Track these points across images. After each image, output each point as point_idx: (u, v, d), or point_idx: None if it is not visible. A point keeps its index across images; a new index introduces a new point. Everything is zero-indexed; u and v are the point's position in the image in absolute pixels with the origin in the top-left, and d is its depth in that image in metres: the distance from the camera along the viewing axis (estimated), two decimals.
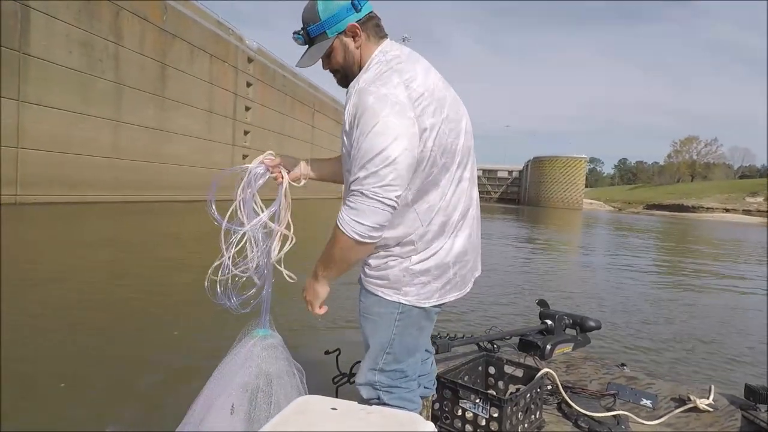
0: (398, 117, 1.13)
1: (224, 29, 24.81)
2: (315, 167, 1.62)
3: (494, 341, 2.53)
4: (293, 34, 1.33)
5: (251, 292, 1.53)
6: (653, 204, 71.62)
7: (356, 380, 1.45)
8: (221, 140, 24.37)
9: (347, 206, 1.17)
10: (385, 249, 1.32)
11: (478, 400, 1.73)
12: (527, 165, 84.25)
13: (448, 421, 1.82)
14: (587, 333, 2.67)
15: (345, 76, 1.34)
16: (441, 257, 1.31)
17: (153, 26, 19.25)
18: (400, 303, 1.32)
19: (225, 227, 1.47)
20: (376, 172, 1.12)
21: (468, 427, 1.76)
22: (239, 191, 1.50)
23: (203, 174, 22.05)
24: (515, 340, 2.59)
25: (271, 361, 1.48)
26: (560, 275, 8.98)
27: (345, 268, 1.27)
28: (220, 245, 1.48)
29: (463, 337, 2.41)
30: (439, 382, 1.78)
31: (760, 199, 60.48)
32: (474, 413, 1.74)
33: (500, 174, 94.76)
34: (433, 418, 1.81)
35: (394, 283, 1.32)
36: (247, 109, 26.83)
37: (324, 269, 1.29)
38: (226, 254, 1.48)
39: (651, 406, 2.10)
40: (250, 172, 1.52)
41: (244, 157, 25.29)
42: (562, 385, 2.05)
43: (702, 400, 2.07)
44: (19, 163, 14.05)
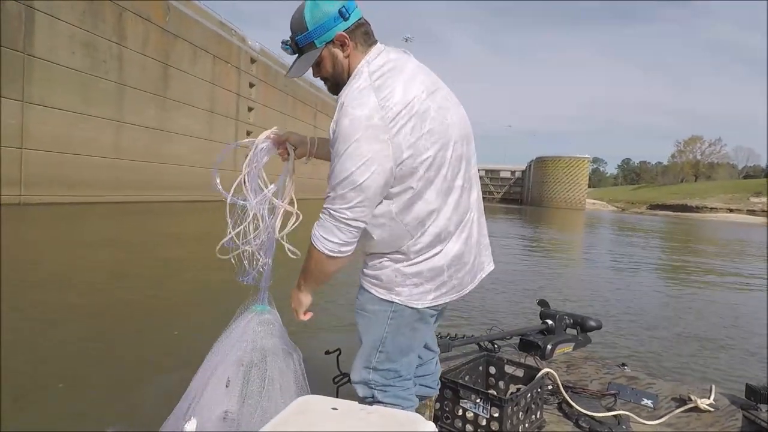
0: (369, 141, 1.15)
1: (227, 30, 24.85)
2: (321, 146, 1.59)
3: (495, 341, 2.53)
4: (282, 43, 1.33)
5: (257, 268, 1.55)
6: (657, 204, 71.40)
7: (351, 377, 1.47)
8: (223, 140, 24.40)
9: (318, 223, 1.24)
10: (380, 255, 1.35)
11: (478, 400, 1.74)
12: (530, 165, 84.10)
13: (448, 421, 1.82)
14: (588, 333, 2.66)
15: (335, 84, 1.34)
16: (434, 262, 1.32)
17: (156, 27, 19.30)
18: (392, 302, 1.34)
19: (230, 201, 1.49)
20: (344, 195, 1.17)
21: (468, 427, 1.77)
22: (245, 165, 1.51)
23: (205, 174, 22.10)
24: (516, 340, 2.59)
25: (266, 336, 1.50)
26: (562, 275, 8.97)
27: (323, 278, 1.35)
28: (229, 219, 1.50)
29: (463, 337, 2.41)
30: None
31: (765, 199, 60.19)
32: (474, 413, 1.74)
33: (503, 174, 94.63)
34: (434, 417, 1.81)
35: (387, 282, 1.34)
36: (250, 109, 26.88)
37: (304, 281, 1.38)
38: (230, 228, 1.50)
39: (652, 406, 2.10)
40: (257, 146, 1.52)
41: (246, 157, 25.28)
42: (562, 384, 2.05)
43: (703, 400, 2.07)
44: (23, 164, 14.12)
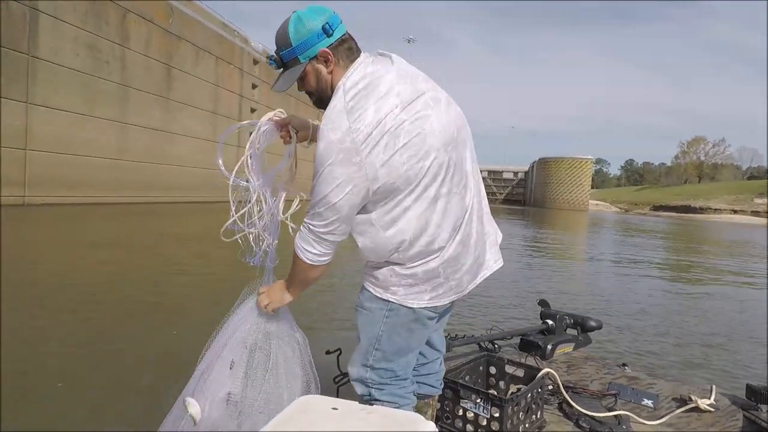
0: (342, 165, 1.20)
1: (229, 31, 24.92)
2: None
3: (495, 341, 2.53)
4: (267, 58, 1.38)
5: (262, 248, 1.56)
6: (660, 205, 71.14)
7: (349, 373, 1.49)
8: (226, 141, 24.37)
9: (299, 235, 1.33)
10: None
11: (479, 400, 1.74)
12: (533, 166, 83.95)
13: (449, 421, 1.83)
14: (588, 333, 2.66)
15: (320, 99, 1.38)
16: (429, 265, 1.33)
17: (159, 28, 19.37)
18: (388, 301, 1.37)
19: (233, 183, 1.51)
20: (320, 213, 1.25)
21: (469, 427, 1.77)
22: (248, 146, 1.54)
23: (207, 175, 22.13)
24: (516, 340, 2.59)
25: (271, 319, 1.51)
26: (563, 275, 8.96)
27: (306, 283, 1.42)
28: (230, 200, 1.52)
29: (464, 337, 2.41)
30: None
31: (766, 200, 59.91)
32: (475, 413, 1.75)
33: (505, 175, 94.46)
34: (435, 417, 1.81)
35: (383, 282, 1.37)
36: (253, 110, 26.93)
37: (290, 285, 1.45)
38: (233, 210, 1.52)
39: (652, 406, 2.10)
40: (260, 128, 1.54)
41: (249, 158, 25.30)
42: (563, 385, 2.05)
43: (703, 400, 2.07)
44: (27, 165, 14.19)
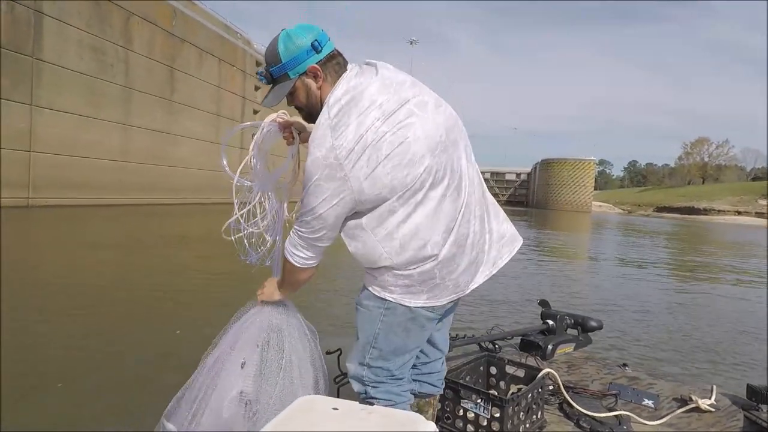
0: (327, 180, 1.25)
1: (232, 33, 24.99)
2: None
3: (495, 341, 2.53)
4: (257, 73, 1.42)
5: (266, 248, 1.61)
6: (663, 206, 70.84)
7: (347, 370, 1.51)
8: (229, 143, 24.46)
9: (289, 240, 1.40)
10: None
11: (479, 400, 1.74)
12: (535, 167, 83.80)
13: (449, 421, 1.83)
14: (589, 333, 2.65)
15: (309, 114, 1.40)
16: (424, 267, 1.34)
17: (162, 31, 19.45)
18: (385, 300, 1.39)
19: (237, 183, 1.55)
20: (308, 222, 1.32)
21: (469, 427, 1.77)
22: (251, 148, 1.58)
23: (210, 177, 22.19)
24: (516, 340, 2.58)
25: (282, 317, 1.53)
26: (564, 276, 8.93)
27: (297, 283, 1.49)
28: (233, 200, 1.56)
29: (464, 337, 2.41)
30: None
31: None
32: (475, 413, 1.75)
33: (508, 177, 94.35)
34: (435, 418, 1.82)
35: (381, 281, 1.39)
36: (255, 112, 26.99)
37: (281, 284, 1.52)
38: (237, 210, 1.56)
39: (653, 406, 2.09)
40: (263, 129, 1.57)
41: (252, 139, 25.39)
42: (563, 385, 2.04)
43: (704, 400, 2.07)
44: (31, 167, 14.27)
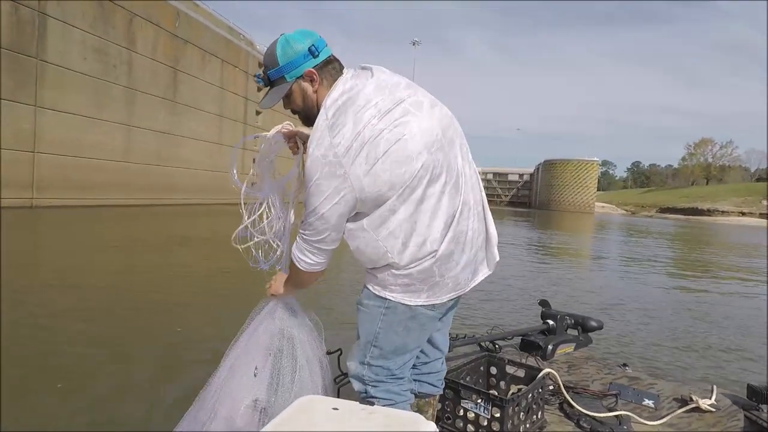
0: (328, 178, 1.26)
1: (235, 35, 25.06)
2: None
3: (496, 341, 2.52)
4: (254, 76, 1.44)
5: (276, 254, 1.64)
6: (667, 207, 70.60)
7: (348, 369, 1.52)
8: (232, 144, 24.58)
9: (295, 244, 1.41)
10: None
11: (479, 401, 1.74)
12: (538, 168, 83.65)
13: (449, 421, 1.83)
14: (589, 333, 2.65)
15: (306, 117, 1.42)
16: (423, 266, 1.35)
17: (165, 32, 19.51)
18: (386, 299, 1.40)
19: (245, 192, 1.59)
20: (311, 224, 1.33)
21: (470, 427, 1.77)
22: (258, 158, 1.62)
23: (214, 177, 22.27)
24: (517, 340, 2.58)
25: (293, 323, 1.55)
26: (566, 276, 8.91)
27: (303, 285, 1.52)
28: (241, 210, 1.60)
29: (465, 337, 2.41)
30: None
31: None
32: (476, 413, 1.75)
33: (511, 177, 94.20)
34: (435, 418, 1.82)
35: (381, 281, 1.40)
36: (258, 113, 27.06)
37: (288, 282, 1.55)
38: (246, 218, 1.60)
39: (653, 406, 2.09)
40: (269, 140, 1.61)
41: (254, 161, 25.47)
42: (563, 385, 2.04)
43: (704, 400, 2.07)
44: (35, 167, 14.34)
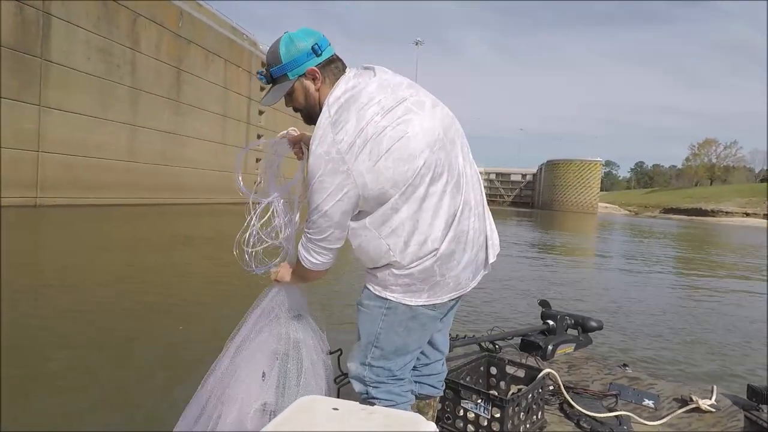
0: (330, 175, 1.27)
1: (238, 34, 25.12)
2: None
3: (496, 341, 2.52)
4: (257, 73, 1.45)
5: (276, 260, 1.66)
6: (670, 208, 70.24)
7: (348, 370, 1.52)
8: (235, 143, 24.65)
9: (301, 243, 1.43)
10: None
11: (479, 401, 1.74)
12: (541, 168, 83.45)
13: (449, 422, 1.83)
14: (589, 333, 2.64)
15: (308, 115, 1.43)
16: (424, 265, 1.35)
17: (169, 32, 19.58)
18: (386, 299, 1.40)
19: (252, 198, 1.61)
20: (315, 222, 1.33)
21: (470, 428, 1.77)
22: (264, 165, 1.63)
23: (217, 177, 22.34)
24: (517, 340, 2.57)
25: (298, 326, 1.57)
26: (567, 276, 8.90)
27: (307, 281, 1.57)
28: (248, 215, 1.62)
29: (465, 337, 2.41)
30: None
31: None
32: (476, 413, 1.75)
33: (513, 177, 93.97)
34: (435, 418, 1.82)
35: (382, 281, 1.40)
36: (261, 113, 27.12)
37: (293, 276, 1.58)
38: (255, 222, 1.62)
39: (653, 406, 2.09)
40: (274, 145, 1.63)
41: (257, 160, 25.53)
42: (564, 385, 2.04)
43: (704, 400, 2.06)
44: (39, 167, 14.41)
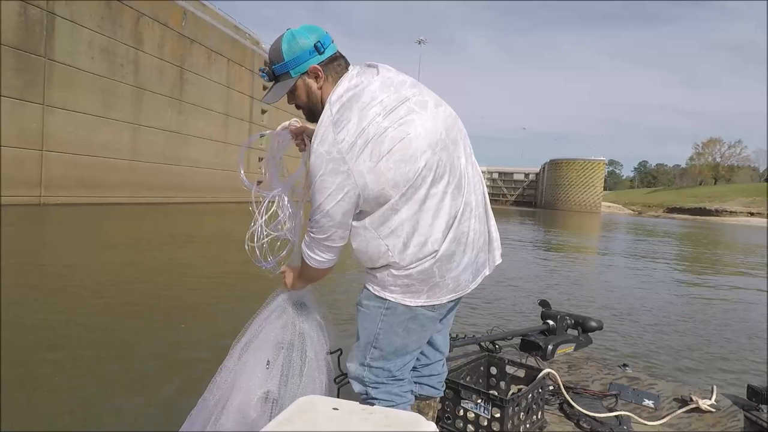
0: (331, 174, 1.26)
1: (241, 34, 25.16)
2: None
3: (496, 341, 2.51)
4: (259, 70, 1.44)
5: (283, 253, 1.67)
6: (674, 207, 69.94)
7: (348, 370, 1.52)
8: (238, 142, 24.69)
9: (304, 242, 1.43)
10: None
11: (479, 401, 1.74)
12: (544, 167, 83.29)
13: (449, 422, 1.83)
14: (589, 333, 2.64)
15: (311, 113, 1.43)
16: (423, 266, 1.35)
17: (172, 32, 19.63)
18: (385, 299, 1.40)
19: (255, 192, 1.62)
20: (318, 221, 1.33)
21: (470, 428, 1.77)
22: (267, 158, 1.64)
23: (220, 176, 22.39)
24: (517, 340, 2.57)
25: (303, 317, 1.58)
26: (568, 276, 8.86)
27: (313, 281, 1.57)
28: (252, 209, 1.63)
29: (464, 337, 2.41)
30: None
31: None
32: (476, 413, 1.75)
33: (516, 177, 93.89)
34: (435, 418, 1.83)
35: (381, 281, 1.40)
36: (264, 112, 27.15)
37: (299, 277, 1.57)
38: (263, 216, 1.63)
39: (653, 406, 2.09)
40: (276, 137, 1.63)
41: (260, 159, 25.57)
42: (564, 385, 2.04)
43: (704, 400, 2.06)
44: (43, 166, 14.48)
